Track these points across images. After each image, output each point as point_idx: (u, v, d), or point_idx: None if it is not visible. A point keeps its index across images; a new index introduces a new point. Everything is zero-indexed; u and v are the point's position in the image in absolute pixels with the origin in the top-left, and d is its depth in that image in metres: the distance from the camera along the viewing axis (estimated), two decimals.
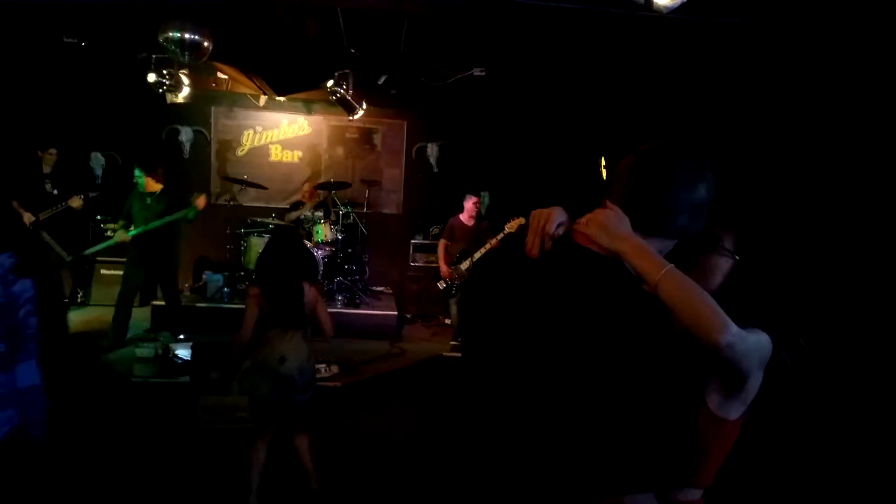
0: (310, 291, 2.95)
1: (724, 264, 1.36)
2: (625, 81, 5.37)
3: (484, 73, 6.09)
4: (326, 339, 3.06)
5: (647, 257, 1.14)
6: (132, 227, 5.30)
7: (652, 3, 3.12)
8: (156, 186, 5.31)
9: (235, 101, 7.55)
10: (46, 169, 5.72)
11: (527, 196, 6.98)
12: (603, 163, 6.10)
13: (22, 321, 1.20)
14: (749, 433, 1.40)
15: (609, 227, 1.18)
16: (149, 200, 5.28)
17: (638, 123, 5.61)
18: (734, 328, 1.10)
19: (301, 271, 2.93)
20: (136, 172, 5.27)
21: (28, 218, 5.10)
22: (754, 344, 1.21)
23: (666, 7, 3.06)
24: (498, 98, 6.93)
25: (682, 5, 3.11)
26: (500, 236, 5.61)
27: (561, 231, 1.26)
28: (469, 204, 6.09)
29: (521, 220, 5.45)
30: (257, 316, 2.84)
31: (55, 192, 5.64)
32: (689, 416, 1.31)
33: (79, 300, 6.83)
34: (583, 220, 1.25)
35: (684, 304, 1.09)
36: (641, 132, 5.75)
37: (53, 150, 5.70)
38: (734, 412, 1.32)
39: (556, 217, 1.26)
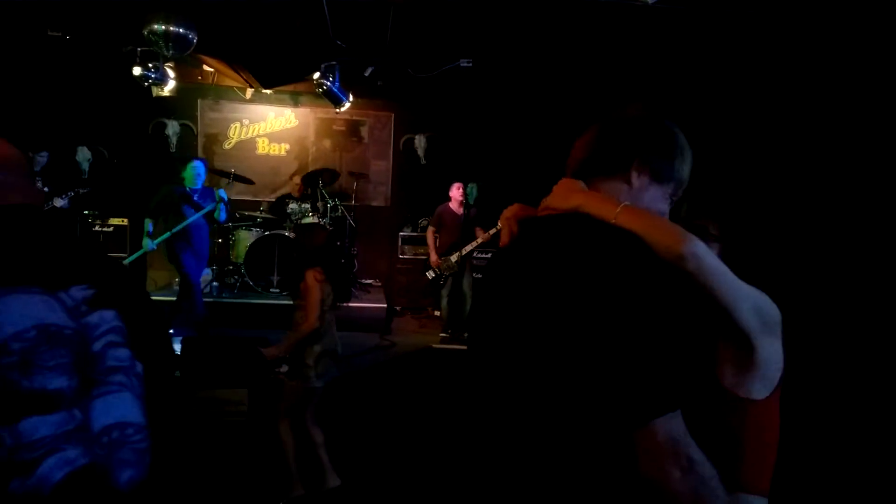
0: None
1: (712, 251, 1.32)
2: (613, 71, 5.41)
3: (471, 64, 6.10)
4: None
5: (602, 200, 1.14)
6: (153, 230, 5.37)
7: None
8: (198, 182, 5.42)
9: (222, 93, 7.51)
10: (36, 167, 5.70)
11: (515, 186, 7.02)
12: None
13: (100, 353, 1.14)
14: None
15: (562, 189, 1.21)
16: (196, 197, 5.37)
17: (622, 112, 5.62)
18: (700, 243, 1.10)
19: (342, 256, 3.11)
20: (198, 166, 5.34)
21: None
22: (740, 285, 1.15)
23: None
24: (485, 89, 6.95)
25: None
26: (493, 231, 5.66)
27: (522, 213, 1.29)
28: (455, 192, 6.12)
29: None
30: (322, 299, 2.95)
31: (45, 189, 5.62)
32: (697, 372, 1.25)
33: None
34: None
35: (646, 228, 1.09)
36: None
37: (45, 154, 5.71)
38: (756, 390, 1.20)
39: (517, 205, 1.30)
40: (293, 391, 3.04)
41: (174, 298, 5.72)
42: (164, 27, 4.27)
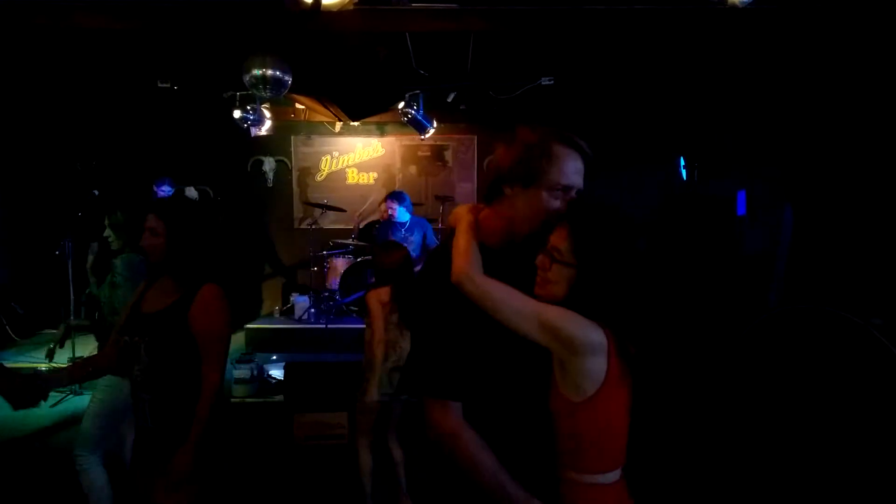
0: None
1: (566, 273, 1.34)
2: (699, 80, 5.19)
3: (552, 82, 6.06)
4: None
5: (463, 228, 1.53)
6: None
7: None
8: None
9: (313, 129, 7.89)
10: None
11: (605, 200, 6.86)
12: (682, 163, 5.91)
13: None
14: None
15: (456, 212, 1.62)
16: (405, 229, 5.81)
17: (712, 121, 5.39)
18: (475, 274, 1.36)
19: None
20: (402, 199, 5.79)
21: None
22: (524, 306, 1.31)
23: (742, 1, 2.94)
24: (567, 104, 6.86)
25: None
26: None
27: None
28: None
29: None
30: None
31: None
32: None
33: None
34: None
35: (454, 254, 1.43)
36: (716, 130, 5.53)
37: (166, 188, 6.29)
38: (574, 394, 1.31)
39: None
40: (362, 408, 3.08)
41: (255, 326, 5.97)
42: (261, 71, 4.54)
